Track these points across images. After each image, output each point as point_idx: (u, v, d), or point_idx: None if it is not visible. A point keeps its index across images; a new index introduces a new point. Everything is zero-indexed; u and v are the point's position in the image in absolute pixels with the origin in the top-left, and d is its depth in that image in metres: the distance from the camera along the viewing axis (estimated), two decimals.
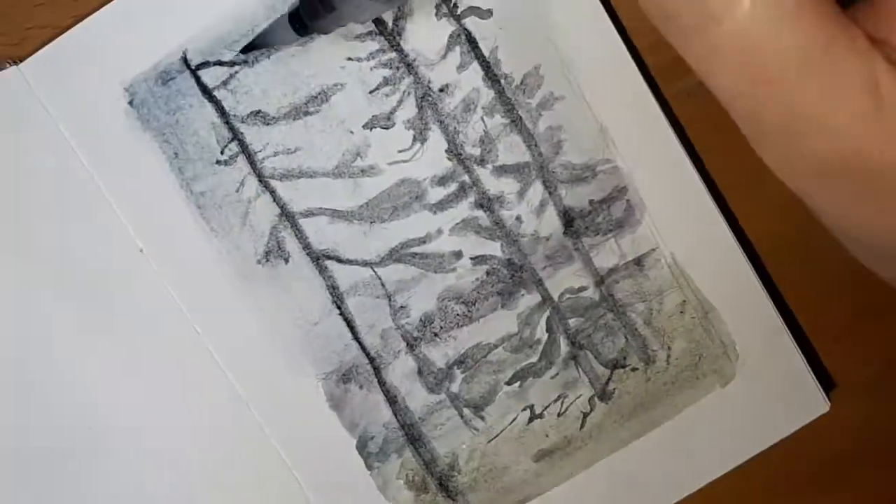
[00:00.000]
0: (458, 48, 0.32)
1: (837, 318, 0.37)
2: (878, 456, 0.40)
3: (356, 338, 0.33)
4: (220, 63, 0.31)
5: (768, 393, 0.35)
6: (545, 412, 0.34)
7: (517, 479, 0.35)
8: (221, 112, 0.32)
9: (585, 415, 0.35)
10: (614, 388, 0.35)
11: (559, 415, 0.35)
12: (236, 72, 0.31)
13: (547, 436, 0.35)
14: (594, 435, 0.35)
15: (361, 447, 0.34)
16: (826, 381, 0.37)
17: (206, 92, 0.31)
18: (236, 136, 0.32)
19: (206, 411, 0.33)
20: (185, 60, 0.31)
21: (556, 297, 0.34)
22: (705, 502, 0.36)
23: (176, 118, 0.32)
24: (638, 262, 0.34)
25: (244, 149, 0.32)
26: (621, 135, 0.33)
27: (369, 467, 0.34)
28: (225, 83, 0.31)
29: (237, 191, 0.32)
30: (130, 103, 0.31)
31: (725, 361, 0.35)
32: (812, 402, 0.35)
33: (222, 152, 0.32)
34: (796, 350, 0.35)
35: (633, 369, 0.35)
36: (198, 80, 0.31)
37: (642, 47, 0.34)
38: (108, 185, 0.31)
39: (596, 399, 0.35)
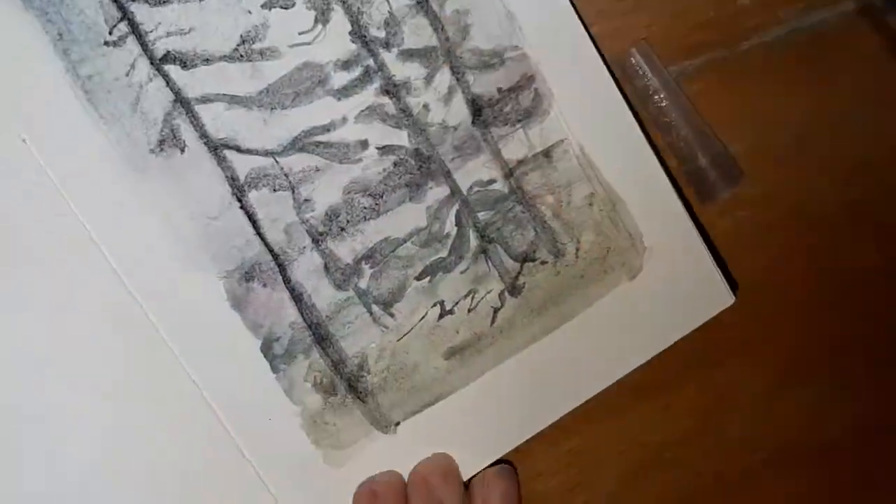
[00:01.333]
0: None
1: (722, 341, 0.38)
2: (767, 473, 0.41)
3: (258, 233, 0.32)
4: None
5: (675, 286, 0.35)
6: (455, 308, 0.34)
7: (428, 378, 0.34)
8: None
9: (496, 310, 0.34)
10: (524, 283, 0.34)
11: (469, 310, 0.34)
12: None
13: (457, 332, 0.34)
14: (505, 331, 0.34)
15: (266, 349, 0.32)
16: (730, 281, 0.37)
17: None
18: (126, 14, 0.30)
19: (94, 313, 0.31)
20: None
21: (464, 189, 0.33)
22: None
23: None
24: (546, 153, 0.34)
25: (134, 29, 0.30)
26: (529, 21, 0.33)
27: (274, 370, 0.33)
28: None
29: (127, 74, 0.30)
30: None
31: (633, 254, 0.35)
32: (718, 295, 0.36)
33: (111, 32, 0.30)
34: (702, 243, 0.35)
35: (543, 262, 0.34)
36: None
37: None
38: None
39: (506, 294, 0.34)
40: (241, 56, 0.31)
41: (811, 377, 0.41)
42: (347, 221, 0.32)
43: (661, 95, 0.35)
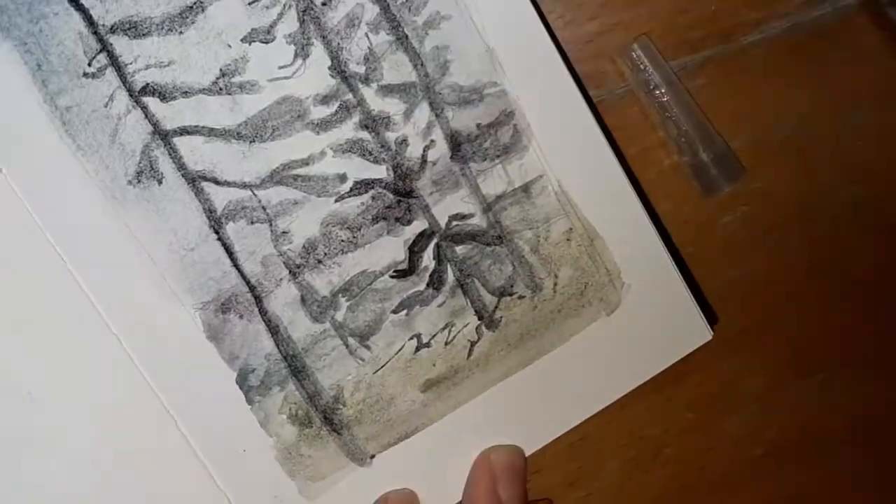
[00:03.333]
0: None
1: (723, 335, 0.38)
2: (766, 467, 0.41)
3: (235, 265, 0.32)
4: None
5: (653, 321, 0.36)
6: (432, 341, 0.34)
7: (404, 411, 0.34)
8: (89, 21, 0.30)
9: (473, 343, 0.34)
10: (501, 317, 0.34)
11: (446, 343, 0.34)
12: None
13: (434, 365, 0.34)
14: (481, 364, 0.34)
15: (242, 380, 0.32)
16: (708, 314, 0.37)
17: None
18: (105, 47, 0.30)
19: (72, 345, 0.31)
20: None
21: (443, 223, 0.33)
22: (625, 489, 0.36)
23: (39, 27, 0.29)
24: (525, 188, 0.34)
25: (113, 61, 0.30)
26: (508, 58, 0.33)
27: (250, 401, 0.33)
28: None
29: (106, 106, 0.30)
30: None
31: (611, 290, 0.35)
32: (696, 331, 0.36)
33: (90, 64, 0.30)
34: (680, 279, 0.35)
35: (520, 297, 0.34)
36: None
37: (575, 37, 0.34)
38: None
39: (483, 327, 0.34)
40: (221, 89, 0.31)
41: (811, 371, 0.41)
42: (325, 254, 0.32)
43: (663, 90, 0.35)
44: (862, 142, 0.39)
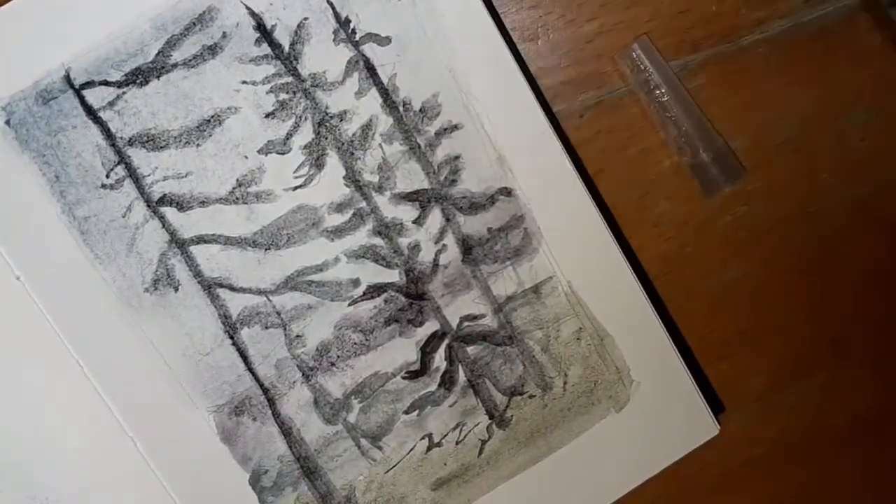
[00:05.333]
0: (356, 74, 0.31)
1: (724, 336, 0.39)
2: (767, 467, 0.41)
3: (249, 368, 0.32)
4: (106, 83, 0.30)
5: (661, 418, 0.36)
6: (444, 440, 0.34)
7: None
8: (107, 134, 0.30)
9: (483, 442, 0.35)
10: (512, 415, 0.35)
11: (458, 443, 0.34)
12: (124, 92, 0.30)
13: (445, 464, 0.34)
14: (492, 462, 0.35)
15: (254, 482, 0.33)
16: (715, 405, 0.38)
17: (91, 113, 0.30)
18: (123, 159, 0.30)
19: (89, 448, 0.31)
20: (67, 79, 0.30)
21: (454, 324, 0.34)
22: None
23: (58, 139, 0.30)
24: (535, 289, 0.34)
25: (131, 173, 0.31)
26: (519, 164, 0.33)
27: (263, 502, 0.33)
28: (111, 104, 0.30)
29: (124, 216, 0.31)
30: (7, 123, 0.29)
31: (620, 387, 0.35)
32: (703, 426, 0.36)
33: (108, 176, 0.30)
34: (688, 375, 0.36)
35: (531, 396, 0.35)
36: (82, 100, 0.30)
37: (575, 37, 0.34)
38: None
39: (494, 426, 0.35)
40: (237, 199, 0.31)
41: (811, 371, 0.41)
42: (338, 357, 0.33)
43: (663, 90, 0.35)
44: (862, 142, 0.39)
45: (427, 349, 0.34)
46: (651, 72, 0.35)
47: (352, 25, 0.31)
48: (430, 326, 0.34)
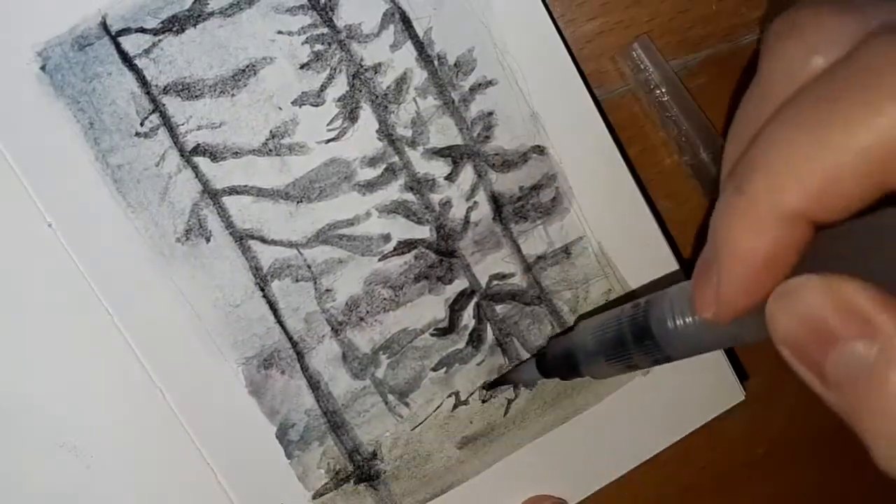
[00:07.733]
0: (391, 26, 0.31)
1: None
2: (767, 467, 0.41)
3: (279, 321, 0.32)
4: (142, 30, 0.30)
5: (687, 381, 0.36)
6: (470, 399, 0.34)
7: (440, 467, 0.34)
8: (142, 82, 0.30)
9: (510, 401, 0.35)
10: None
11: (484, 401, 0.34)
12: (160, 40, 0.30)
13: (471, 422, 0.34)
14: (518, 421, 0.35)
15: (282, 435, 0.33)
16: (740, 372, 0.38)
17: (127, 60, 0.30)
18: (157, 107, 0.30)
19: (117, 397, 0.31)
20: (104, 25, 0.30)
21: (483, 283, 0.34)
22: (626, 489, 0.36)
23: (93, 86, 0.30)
24: (565, 249, 0.34)
25: (166, 121, 0.31)
26: (553, 122, 0.33)
27: (289, 456, 0.33)
28: (147, 52, 0.30)
29: (157, 165, 0.31)
30: (43, 68, 0.29)
31: None
32: (729, 390, 0.36)
33: (142, 124, 0.30)
34: None
35: None
36: (118, 46, 0.30)
37: (575, 37, 0.34)
38: (15, 154, 0.29)
39: (521, 386, 0.35)
40: (270, 150, 0.31)
41: None
42: (367, 312, 0.33)
43: (663, 90, 0.35)
44: None
45: (456, 307, 0.34)
46: (651, 72, 0.35)
47: None
48: (460, 284, 0.34)
